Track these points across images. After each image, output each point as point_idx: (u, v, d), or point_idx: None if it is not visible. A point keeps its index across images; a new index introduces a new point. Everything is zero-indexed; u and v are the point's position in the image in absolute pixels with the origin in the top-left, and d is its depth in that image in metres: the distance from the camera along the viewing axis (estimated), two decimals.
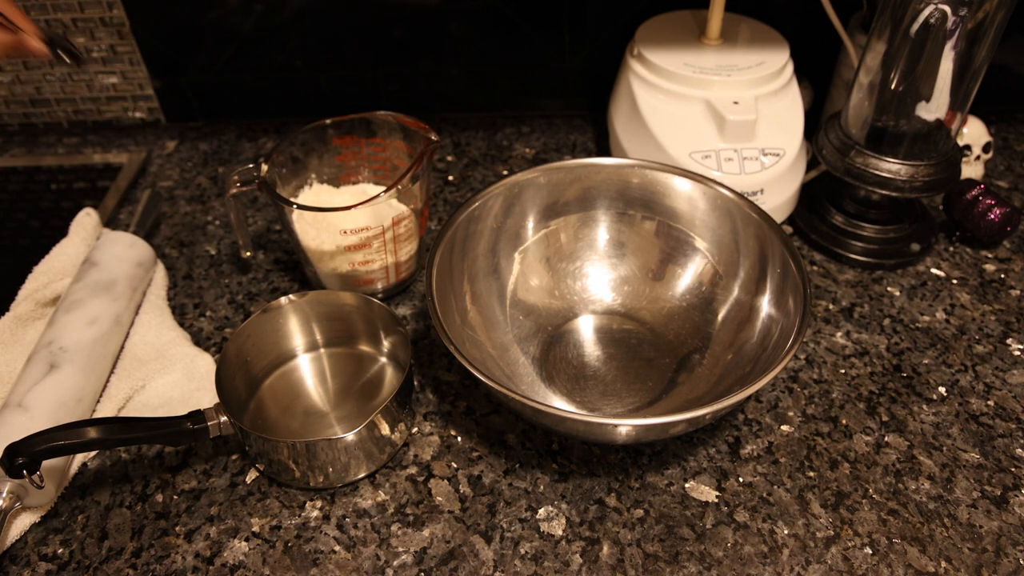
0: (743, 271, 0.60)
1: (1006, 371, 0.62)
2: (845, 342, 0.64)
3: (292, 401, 0.59)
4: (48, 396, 0.54)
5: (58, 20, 0.83)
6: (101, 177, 0.84)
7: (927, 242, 0.71)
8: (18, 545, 0.51)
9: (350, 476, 0.53)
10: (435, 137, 0.62)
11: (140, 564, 0.50)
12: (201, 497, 0.54)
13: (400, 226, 0.63)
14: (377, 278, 0.66)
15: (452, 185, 0.83)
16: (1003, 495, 0.53)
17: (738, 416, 0.58)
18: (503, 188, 0.62)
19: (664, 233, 0.64)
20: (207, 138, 0.90)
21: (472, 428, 0.58)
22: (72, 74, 0.87)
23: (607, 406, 0.58)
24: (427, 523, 0.52)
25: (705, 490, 0.54)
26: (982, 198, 0.71)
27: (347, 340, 0.63)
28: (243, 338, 0.57)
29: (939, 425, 0.58)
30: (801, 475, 0.54)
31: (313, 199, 0.68)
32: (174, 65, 0.87)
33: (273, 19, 0.83)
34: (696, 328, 0.62)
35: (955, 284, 0.70)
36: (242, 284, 0.71)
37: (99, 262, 0.64)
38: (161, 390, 0.59)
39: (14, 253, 0.75)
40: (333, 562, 0.50)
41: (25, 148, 0.89)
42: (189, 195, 0.82)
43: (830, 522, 0.52)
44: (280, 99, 0.90)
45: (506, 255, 0.64)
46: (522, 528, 0.51)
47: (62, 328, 0.59)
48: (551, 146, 0.88)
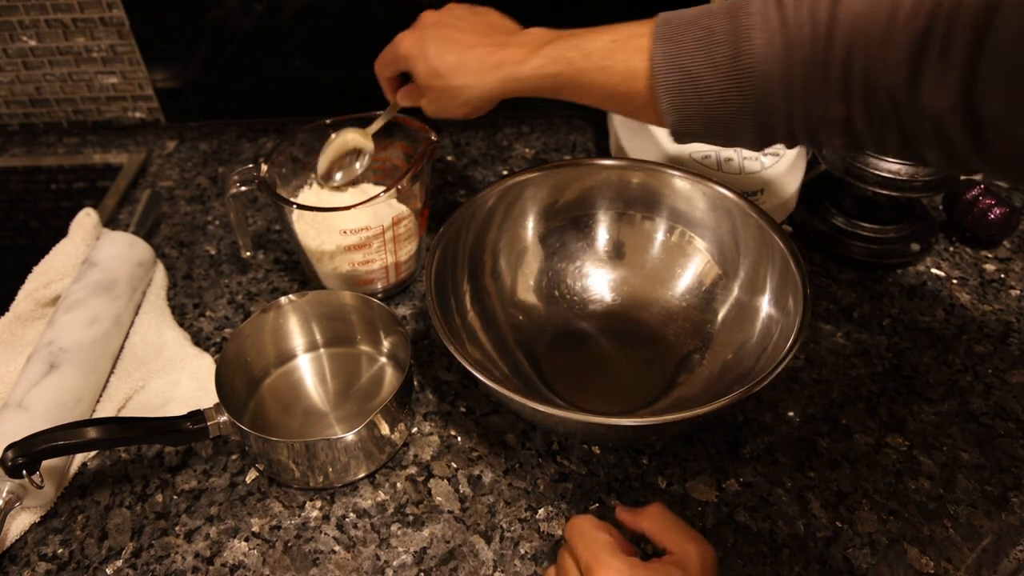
0: (743, 271, 0.60)
1: (1006, 371, 0.62)
2: (845, 342, 0.64)
3: (292, 401, 0.59)
4: (48, 396, 0.54)
5: (58, 20, 0.83)
6: (101, 177, 0.84)
7: (927, 242, 0.71)
8: (18, 545, 0.51)
9: (350, 476, 0.53)
10: (435, 137, 0.62)
11: (140, 564, 0.50)
12: (201, 497, 0.53)
13: (400, 226, 0.63)
14: (377, 278, 0.66)
15: (452, 185, 0.82)
16: (1003, 495, 0.53)
17: (738, 416, 0.58)
18: (503, 188, 0.62)
19: (664, 233, 0.64)
20: (207, 138, 0.90)
21: (472, 428, 0.58)
22: (72, 74, 0.87)
23: (607, 406, 0.58)
24: (427, 523, 0.52)
25: (705, 490, 0.54)
26: (982, 198, 0.71)
27: (347, 340, 0.63)
28: (243, 338, 0.57)
29: (939, 425, 0.58)
30: (801, 475, 0.54)
31: (313, 199, 0.68)
32: (174, 65, 0.87)
33: (273, 19, 0.83)
34: (696, 328, 0.62)
35: (955, 284, 0.70)
36: (242, 284, 0.71)
37: (99, 262, 0.64)
38: (161, 390, 0.59)
39: (14, 253, 0.75)
40: (333, 562, 0.50)
41: (25, 148, 0.89)
42: (189, 195, 0.82)
43: (830, 522, 0.52)
44: (280, 99, 0.90)
45: (506, 255, 0.64)
46: (522, 528, 0.51)
47: (62, 328, 0.59)
48: (551, 146, 0.88)
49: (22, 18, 0.82)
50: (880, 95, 0.41)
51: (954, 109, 0.39)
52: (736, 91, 0.46)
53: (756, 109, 0.46)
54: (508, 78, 0.52)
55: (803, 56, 0.43)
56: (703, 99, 0.47)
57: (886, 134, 0.43)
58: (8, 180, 0.84)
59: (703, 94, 0.47)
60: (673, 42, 0.47)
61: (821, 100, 0.44)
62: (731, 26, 0.45)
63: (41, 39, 0.84)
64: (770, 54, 0.44)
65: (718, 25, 0.46)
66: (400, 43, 0.56)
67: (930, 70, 0.39)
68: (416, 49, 0.54)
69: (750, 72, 0.45)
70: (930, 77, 0.39)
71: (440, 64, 0.53)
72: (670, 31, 0.47)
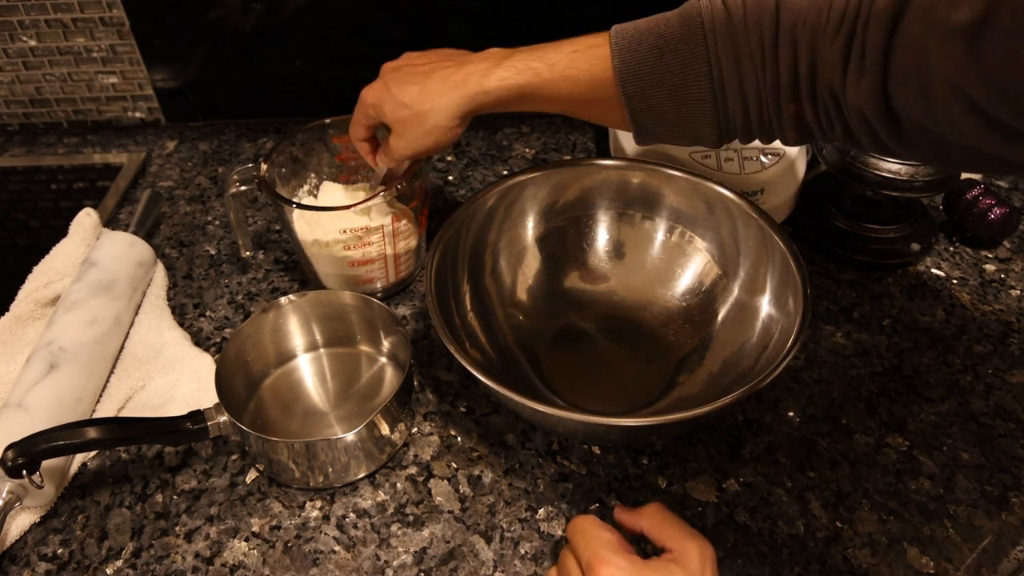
0: (743, 271, 0.60)
1: (1006, 371, 0.62)
2: (845, 342, 0.64)
3: (292, 401, 0.59)
4: (48, 396, 0.54)
5: (58, 20, 0.83)
6: (101, 177, 0.84)
7: (927, 242, 0.71)
8: (18, 545, 0.51)
9: (350, 476, 0.53)
10: None
11: (140, 564, 0.50)
12: (201, 497, 0.54)
13: (400, 226, 0.63)
14: (377, 278, 0.66)
15: (452, 185, 0.83)
16: (1003, 495, 0.53)
17: (738, 416, 0.58)
18: (503, 188, 0.62)
19: (664, 233, 0.64)
20: (207, 138, 0.90)
21: (472, 428, 0.58)
22: (72, 74, 0.87)
23: (607, 406, 0.58)
24: (427, 523, 0.52)
25: (705, 490, 0.54)
26: (982, 198, 0.71)
27: (347, 340, 0.63)
28: (243, 338, 0.57)
29: (939, 425, 0.58)
30: (801, 475, 0.54)
31: (313, 199, 0.68)
32: (174, 65, 0.87)
33: (273, 19, 0.83)
34: (696, 328, 0.62)
35: (955, 284, 0.70)
36: (242, 284, 0.71)
37: (99, 262, 0.64)
38: (161, 390, 0.59)
39: (14, 253, 0.75)
40: (333, 562, 0.50)
41: (25, 148, 0.89)
42: (189, 195, 0.82)
43: (830, 522, 0.52)
44: (280, 99, 0.90)
45: (506, 255, 0.64)
46: (522, 528, 0.51)
47: (62, 328, 0.59)
48: (551, 146, 0.88)
49: (22, 18, 0.82)
50: (824, 93, 0.45)
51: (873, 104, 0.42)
52: (696, 94, 0.49)
53: (715, 110, 0.50)
54: (473, 93, 0.52)
55: (754, 61, 0.47)
56: (664, 103, 0.50)
57: (832, 127, 0.47)
58: (8, 180, 0.84)
59: (665, 99, 0.50)
60: (631, 51, 0.50)
61: (773, 100, 0.47)
62: (685, 33, 0.48)
63: (41, 39, 0.84)
64: (724, 59, 0.47)
65: (672, 32, 0.49)
66: (365, 96, 0.56)
67: (853, 69, 0.43)
68: (381, 93, 0.55)
69: (707, 76, 0.48)
70: (854, 76, 0.43)
71: (405, 96, 0.53)
72: (627, 41, 0.50)
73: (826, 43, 0.44)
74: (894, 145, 0.44)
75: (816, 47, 0.44)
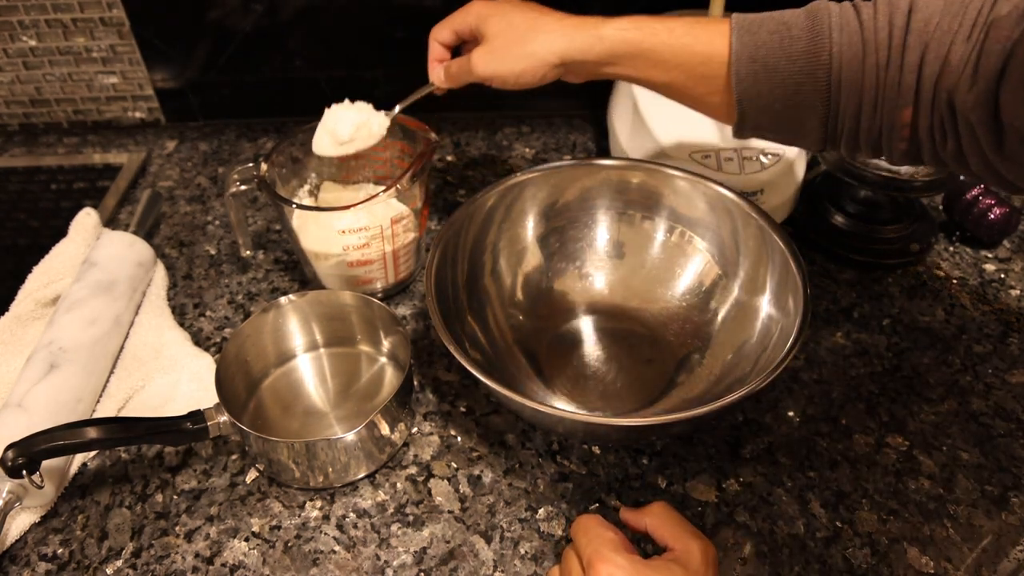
0: (743, 271, 0.60)
1: (1006, 371, 0.62)
2: (845, 342, 0.64)
3: (292, 401, 0.59)
4: (48, 396, 0.54)
5: (58, 20, 0.83)
6: (101, 177, 0.84)
7: (927, 242, 0.71)
8: (18, 545, 0.51)
9: (350, 476, 0.53)
10: (435, 137, 0.62)
11: (140, 564, 0.50)
12: (201, 497, 0.54)
13: (399, 226, 0.63)
14: (376, 278, 0.66)
15: (452, 185, 0.83)
16: (1003, 495, 0.53)
17: (738, 416, 0.58)
18: (503, 188, 0.62)
19: (664, 233, 0.64)
20: (207, 138, 0.90)
21: (472, 428, 0.58)
22: (72, 74, 0.87)
23: (607, 406, 0.58)
24: (427, 523, 0.52)
25: (705, 490, 0.54)
26: (982, 198, 0.71)
27: (347, 340, 0.63)
28: (243, 338, 0.57)
29: (939, 425, 0.58)
30: (801, 475, 0.54)
31: (313, 199, 0.68)
32: (174, 65, 0.87)
33: (273, 19, 0.83)
34: (696, 328, 0.62)
35: (955, 284, 0.70)
36: (242, 284, 0.71)
37: (99, 262, 0.64)
38: (161, 390, 0.59)
39: (14, 253, 0.75)
40: (333, 562, 0.50)
41: (25, 148, 0.89)
42: (189, 195, 0.82)
43: (830, 522, 0.52)
44: (280, 99, 0.90)
45: (506, 255, 0.64)
46: (522, 528, 0.51)
47: (62, 328, 0.59)
48: (551, 146, 0.88)
49: (22, 18, 0.82)
50: (942, 99, 0.44)
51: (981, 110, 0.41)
52: (811, 86, 0.47)
53: (827, 107, 0.48)
54: (589, 36, 0.52)
55: (878, 60, 0.45)
56: (776, 91, 0.49)
57: (945, 139, 0.45)
58: (8, 180, 0.84)
59: (777, 86, 0.48)
60: (751, 33, 0.48)
61: (891, 103, 0.46)
62: (809, 23, 0.47)
63: (41, 39, 0.84)
64: (846, 54, 0.46)
65: (796, 22, 0.48)
66: (473, 5, 0.55)
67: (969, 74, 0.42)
68: (492, 7, 0.54)
69: (826, 69, 0.47)
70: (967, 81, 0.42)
71: (517, 17, 0.53)
72: (748, 23, 0.49)
73: (956, 47, 0.43)
74: (996, 160, 0.43)
75: (944, 51, 0.43)
